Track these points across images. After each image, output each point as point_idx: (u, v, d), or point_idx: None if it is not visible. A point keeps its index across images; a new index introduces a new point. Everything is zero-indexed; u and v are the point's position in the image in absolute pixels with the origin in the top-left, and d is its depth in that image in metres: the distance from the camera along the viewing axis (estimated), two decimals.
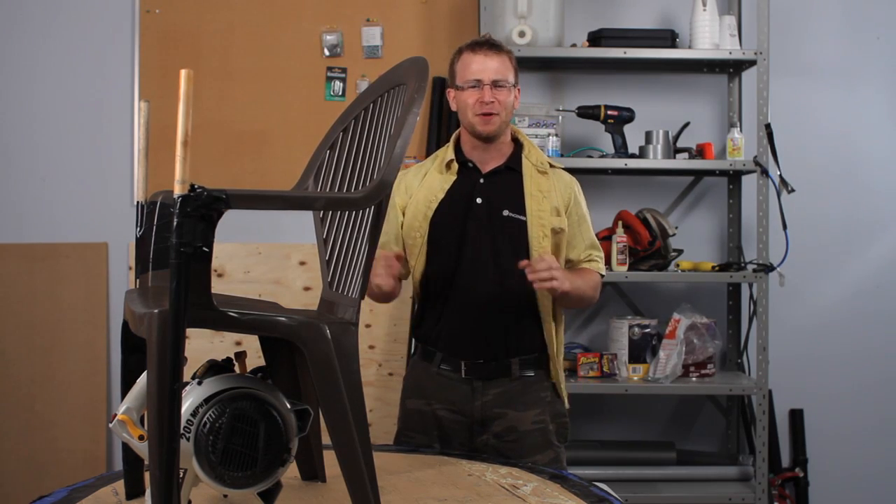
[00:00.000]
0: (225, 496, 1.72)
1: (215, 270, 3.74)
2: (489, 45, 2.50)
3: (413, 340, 2.69)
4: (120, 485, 1.94)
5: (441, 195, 2.51)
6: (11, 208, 3.81)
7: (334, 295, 1.84)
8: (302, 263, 3.78)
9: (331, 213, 1.94)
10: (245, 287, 3.73)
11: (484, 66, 2.46)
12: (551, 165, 2.57)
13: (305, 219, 2.24)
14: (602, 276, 2.60)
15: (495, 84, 2.46)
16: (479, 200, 2.49)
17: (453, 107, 2.55)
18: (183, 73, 1.38)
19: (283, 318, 1.62)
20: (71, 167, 3.82)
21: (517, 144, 2.58)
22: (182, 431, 1.53)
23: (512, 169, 2.53)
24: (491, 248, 2.47)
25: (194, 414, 1.57)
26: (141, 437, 1.61)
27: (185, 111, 1.38)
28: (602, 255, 2.62)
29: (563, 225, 2.50)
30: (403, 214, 2.56)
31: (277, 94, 3.82)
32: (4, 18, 3.81)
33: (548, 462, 2.47)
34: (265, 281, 3.78)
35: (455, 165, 2.54)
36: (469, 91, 2.47)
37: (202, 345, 3.64)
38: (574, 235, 2.54)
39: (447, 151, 2.57)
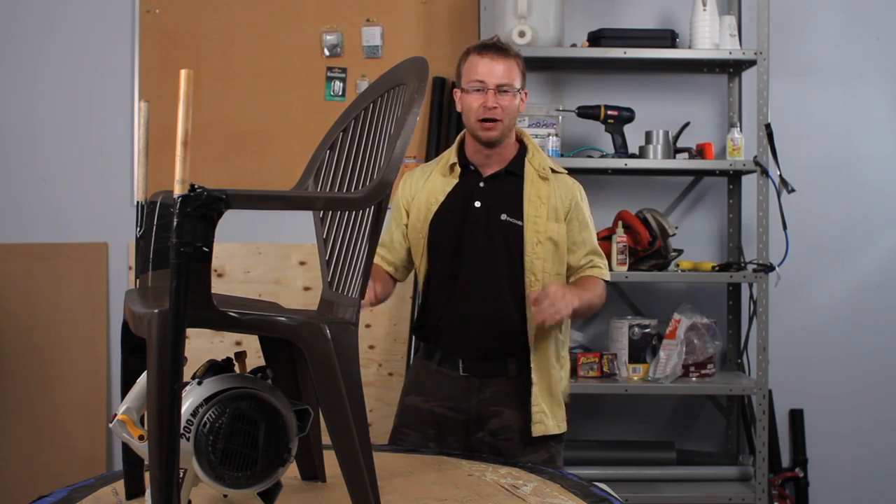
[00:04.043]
0: (225, 496, 1.72)
1: (215, 270, 3.74)
2: (496, 49, 2.48)
3: (414, 338, 2.70)
4: (120, 485, 1.94)
5: (441, 198, 2.53)
6: (12, 208, 3.82)
7: (334, 295, 1.84)
8: (302, 263, 3.79)
9: (331, 213, 1.94)
10: (245, 287, 3.73)
11: (490, 70, 2.45)
12: (554, 171, 2.56)
13: (305, 219, 2.23)
14: (606, 281, 2.60)
15: (499, 89, 2.45)
16: (477, 204, 2.51)
17: (458, 107, 2.55)
18: (183, 73, 1.38)
19: (283, 318, 1.62)
20: (71, 167, 3.83)
21: (521, 147, 2.58)
22: (182, 431, 1.53)
23: (512, 173, 2.53)
24: (488, 251, 2.49)
25: (194, 414, 1.57)
26: (141, 437, 1.61)
27: (185, 111, 1.38)
28: (605, 260, 2.62)
29: (560, 233, 2.50)
30: (408, 216, 2.58)
31: (277, 94, 3.83)
32: (5, 18, 3.82)
33: (542, 462, 2.48)
34: (265, 281, 3.78)
35: (458, 168, 2.55)
36: (473, 94, 2.47)
37: (202, 345, 3.65)
38: (575, 241, 2.54)
39: (451, 154, 2.58)
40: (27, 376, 3.77)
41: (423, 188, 2.57)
